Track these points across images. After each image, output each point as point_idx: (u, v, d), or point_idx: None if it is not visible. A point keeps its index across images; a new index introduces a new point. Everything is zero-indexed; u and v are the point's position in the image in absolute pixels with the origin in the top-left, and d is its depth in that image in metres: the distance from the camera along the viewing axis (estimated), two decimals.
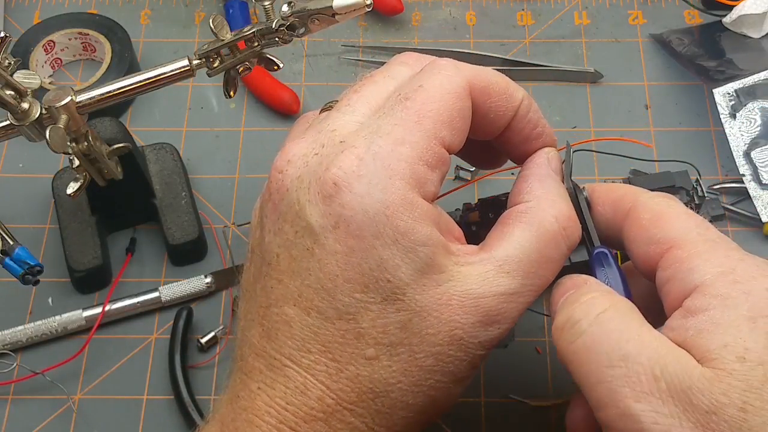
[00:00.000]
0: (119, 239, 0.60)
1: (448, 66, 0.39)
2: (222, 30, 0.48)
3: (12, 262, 0.47)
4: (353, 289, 0.36)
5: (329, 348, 0.36)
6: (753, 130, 0.60)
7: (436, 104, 0.37)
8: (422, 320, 0.36)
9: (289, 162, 0.38)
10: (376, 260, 0.35)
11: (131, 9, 0.71)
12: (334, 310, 0.36)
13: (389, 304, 0.36)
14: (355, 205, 0.35)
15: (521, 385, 0.53)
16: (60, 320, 0.55)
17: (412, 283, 0.36)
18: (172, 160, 0.61)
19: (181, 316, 0.55)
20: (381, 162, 0.36)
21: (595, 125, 0.64)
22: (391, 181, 0.36)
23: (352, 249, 0.35)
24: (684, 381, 0.32)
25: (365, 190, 0.35)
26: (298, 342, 0.36)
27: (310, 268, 0.36)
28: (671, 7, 0.70)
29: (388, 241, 0.35)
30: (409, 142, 0.36)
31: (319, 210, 0.36)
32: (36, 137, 0.49)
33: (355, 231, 0.35)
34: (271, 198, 0.38)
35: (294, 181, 0.37)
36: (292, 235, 0.37)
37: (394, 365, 0.36)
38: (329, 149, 0.37)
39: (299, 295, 0.36)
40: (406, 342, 0.36)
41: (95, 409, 0.54)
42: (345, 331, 0.36)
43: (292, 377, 0.36)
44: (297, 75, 0.67)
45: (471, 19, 0.70)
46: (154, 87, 0.50)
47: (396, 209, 0.35)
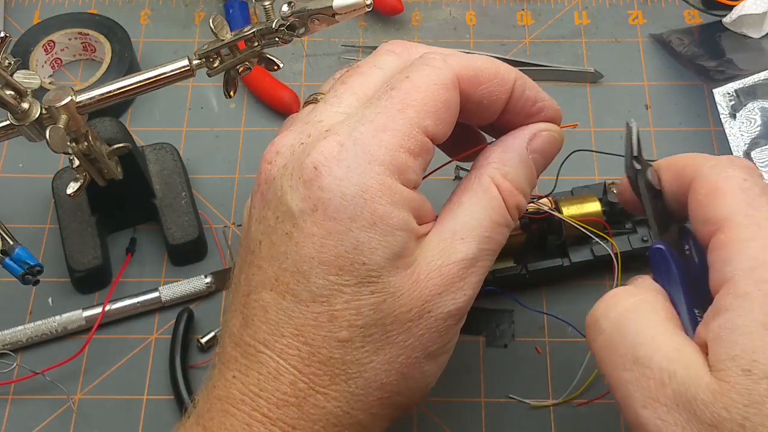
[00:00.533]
0: (119, 239, 0.60)
1: (436, 58, 0.39)
2: (222, 30, 0.48)
3: (12, 262, 0.47)
4: (328, 271, 0.36)
5: (302, 331, 0.36)
6: (753, 130, 0.60)
7: (421, 94, 0.38)
8: (395, 300, 0.36)
9: (278, 153, 0.38)
10: (353, 243, 0.36)
11: (131, 9, 0.71)
12: (308, 293, 0.36)
13: (363, 287, 0.36)
14: (333, 188, 0.36)
15: (521, 385, 0.53)
16: (60, 320, 0.55)
17: (387, 265, 0.36)
18: (172, 160, 0.61)
19: (182, 318, 0.55)
20: (361, 148, 0.36)
21: (595, 125, 0.64)
22: (371, 166, 0.36)
23: (329, 231, 0.36)
24: (690, 390, 0.31)
25: (344, 174, 0.36)
26: (272, 326, 0.37)
27: (287, 252, 0.36)
28: (671, 7, 0.70)
29: (365, 224, 0.36)
30: (391, 130, 0.37)
31: (299, 194, 0.36)
32: (36, 137, 0.49)
33: (333, 214, 0.36)
34: (260, 188, 0.39)
35: (279, 170, 0.38)
36: (273, 221, 0.37)
37: (367, 345, 0.37)
38: (315, 139, 0.37)
39: (276, 280, 0.37)
40: (380, 323, 0.37)
41: (95, 409, 0.54)
42: (318, 313, 0.36)
43: (265, 363, 0.36)
44: (297, 75, 0.67)
45: (471, 19, 0.70)
46: (154, 87, 0.50)
47: (374, 193, 0.36)
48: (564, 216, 0.52)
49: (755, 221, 0.35)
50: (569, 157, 0.50)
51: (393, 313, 0.37)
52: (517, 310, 0.56)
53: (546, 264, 0.54)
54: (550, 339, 0.55)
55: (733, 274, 0.33)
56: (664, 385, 0.32)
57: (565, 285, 0.56)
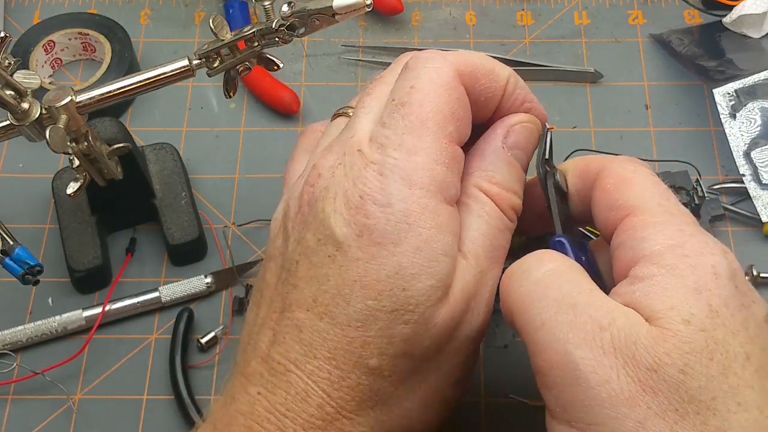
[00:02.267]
0: (119, 239, 0.60)
1: (434, 58, 0.39)
2: (222, 30, 0.48)
3: (12, 262, 0.47)
4: (367, 295, 0.36)
5: (335, 355, 0.36)
6: (753, 130, 0.60)
7: (433, 102, 0.37)
8: (426, 332, 0.36)
9: (319, 176, 0.38)
10: (395, 267, 0.36)
11: (131, 9, 0.71)
12: (345, 316, 0.36)
13: (398, 315, 0.36)
14: (378, 215, 0.36)
15: (521, 385, 0.53)
16: (60, 320, 0.55)
17: (426, 293, 0.36)
18: (172, 160, 0.61)
19: (182, 318, 0.55)
20: (399, 174, 0.36)
21: (595, 125, 0.64)
22: (411, 191, 0.36)
23: (373, 256, 0.36)
24: (630, 336, 0.32)
25: (387, 201, 0.36)
26: (306, 347, 0.36)
27: (329, 274, 0.36)
28: (671, 7, 0.70)
29: (408, 249, 0.36)
30: (422, 150, 0.37)
31: (344, 219, 0.36)
32: (36, 137, 0.49)
33: (377, 239, 0.36)
34: (300, 209, 0.39)
35: (321, 192, 0.38)
36: (314, 242, 0.37)
37: (394, 375, 0.37)
38: (350, 158, 0.37)
39: (314, 300, 0.37)
40: (409, 354, 0.37)
41: (95, 409, 0.54)
42: (352, 338, 0.36)
43: (294, 383, 0.36)
44: (297, 75, 0.67)
45: (471, 19, 0.70)
46: (154, 87, 0.50)
47: (417, 218, 0.36)
48: None
49: (667, 209, 0.36)
50: (569, 157, 0.50)
51: (423, 345, 0.37)
52: None
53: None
54: None
55: (653, 249, 0.34)
56: (602, 329, 0.32)
57: None
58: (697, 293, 0.32)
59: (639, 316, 0.33)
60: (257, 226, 0.60)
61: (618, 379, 0.31)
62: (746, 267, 0.56)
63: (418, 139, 0.37)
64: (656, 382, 0.31)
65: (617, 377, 0.31)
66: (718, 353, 0.31)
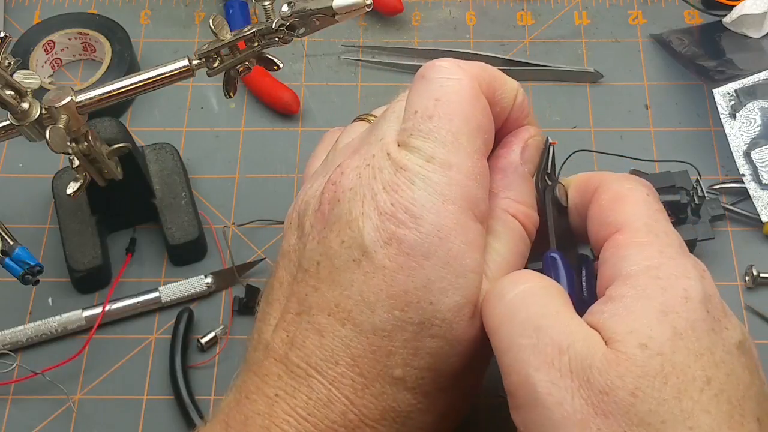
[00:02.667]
0: (119, 239, 0.60)
1: (454, 69, 0.39)
2: (222, 30, 0.48)
3: (12, 262, 0.47)
4: (394, 306, 0.35)
5: (358, 362, 0.36)
6: (753, 130, 0.60)
7: (461, 115, 0.37)
8: (452, 348, 0.36)
9: (342, 174, 0.38)
10: (423, 280, 0.35)
11: (131, 9, 0.71)
12: (370, 325, 0.36)
13: (425, 329, 0.36)
14: (410, 225, 0.35)
15: None
16: (60, 320, 0.55)
17: (453, 308, 0.36)
18: (172, 160, 0.61)
19: (182, 318, 0.55)
20: (432, 187, 0.36)
21: (595, 125, 0.64)
22: (444, 205, 0.36)
23: (400, 266, 0.35)
24: (586, 359, 0.32)
25: (419, 213, 0.35)
26: (327, 353, 0.36)
27: (353, 280, 0.36)
28: (671, 7, 0.70)
29: (438, 263, 0.35)
30: (456, 165, 0.37)
31: (373, 225, 0.36)
32: (36, 137, 0.49)
33: (407, 249, 0.35)
34: (321, 208, 0.38)
35: (346, 193, 0.37)
36: (338, 244, 0.37)
37: (418, 388, 0.37)
38: (379, 161, 0.37)
39: (336, 305, 0.36)
40: (434, 367, 0.36)
41: (95, 409, 0.54)
42: (377, 347, 0.36)
43: (315, 388, 0.36)
44: (297, 75, 0.67)
45: (471, 19, 0.70)
46: (154, 87, 0.50)
47: (449, 233, 0.36)
48: None
49: (653, 231, 0.36)
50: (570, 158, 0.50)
51: (449, 361, 0.37)
52: None
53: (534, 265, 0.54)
54: None
55: (629, 270, 0.35)
56: (561, 353, 0.32)
57: None
58: (663, 315, 0.33)
59: (599, 339, 0.33)
60: (257, 226, 0.60)
61: (572, 401, 0.31)
62: (746, 267, 0.56)
63: (452, 154, 0.37)
64: (608, 405, 0.31)
65: (571, 399, 0.31)
66: (674, 377, 0.31)
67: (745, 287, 0.56)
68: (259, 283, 0.57)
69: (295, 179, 0.62)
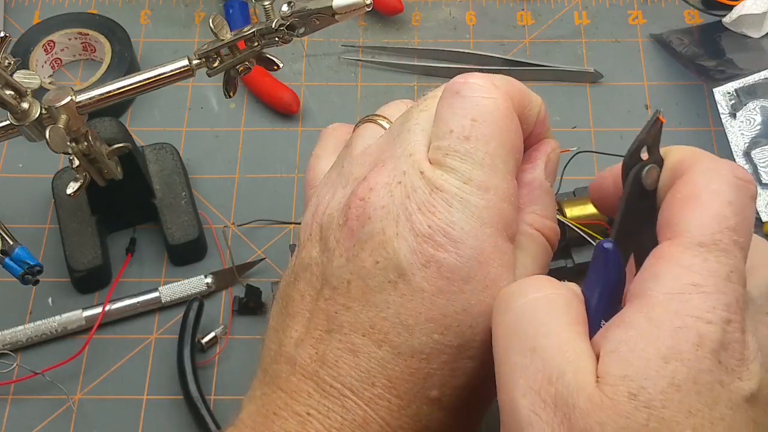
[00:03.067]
0: (119, 239, 0.60)
1: (489, 87, 0.38)
2: (222, 30, 0.48)
3: (12, 262, 0.47)
4: (433, 329, 0.35)
5: (395, 384, 0.35)
6: (753, 130, 0.60)
7: (498, 137, 0.37)
8: (487, 370, 0.36)
9: (372, 190, 0.37)
10: (463, 305, 0.35)
11: (131, 9, 0.71)
12: (408, 347, 0.35)
13: (464, 351, 0.36)
14: (449, 249, 0.35)
15: None
16: (60, 320, 0.55)
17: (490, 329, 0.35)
18: (172, 160, 0.61)
19: (191, 308, 0.55)
20: (471, 210, 0.35)
21: (595, 125, 0.64)
22: (482, 229, 0.35)
23: (440, 290, 0.35)
24: (573, 395, 0.31)
25: (458, 236, 0.35)
26: (363, 373, 0.36)
27: (389, 302, 0.35)
28: (671, 7, 0.70)
29: (477, 287, 0.35)
30: (493, 188, 0.36)
31: (410, 246, 0.35)
32: (36, 137, 0.49)
33: (446, 273, 0.35)
34: (347, 224, 0.37)
35: (378, 211, 0.36)
36: (371, 264, 0.36)
37: (451, 405, 0.36)
38: (411, 179, 0.36)
39: (371, 327, 0.36)
40: (469, 385, 0.36)
41: (95, 409, 0.54)
42: (416, 369, 0.35)
43: (350, 409, 0.35)
44: (297, 75, 0.67)
45: (471, 19, 0.70)
46: (154, 87, 0.50)
47: (488, 256, 0.35)
48: (567, 217, 0.52)
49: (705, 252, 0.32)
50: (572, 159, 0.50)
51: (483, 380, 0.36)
52: None
53: (550, 266, 0.54)
54: None
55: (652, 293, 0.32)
56: (550, 383, 0.31)
57: None
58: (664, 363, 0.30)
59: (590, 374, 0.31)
60: (257, 226, 0.60)
61: None
62: None
63: (489, 177, 0.36)
64: None
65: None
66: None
67: None
68: (259, 283, 0.57)
69: (295, 179, 0.62)
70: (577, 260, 0.54)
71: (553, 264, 0.54)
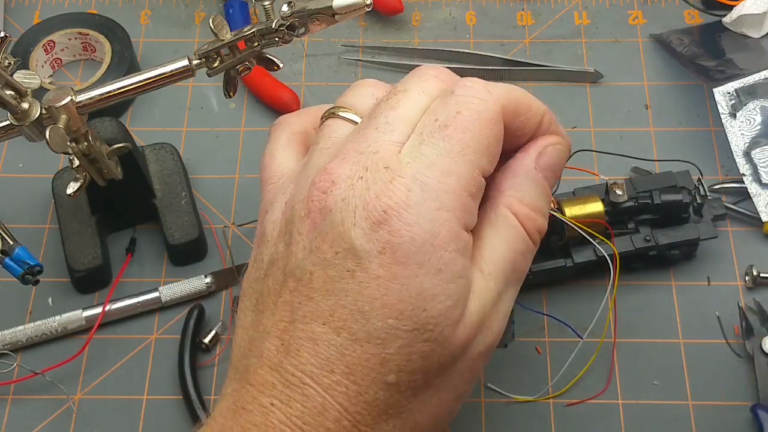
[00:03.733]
0: (119, 239, 0.60)
1: (482, 90, 0.39)
2: (222, 30, 0.48)
3: (12, 262, 0.47)
4: (388, 314, 0.36)
5: (353, 370, 0.36)
6: (753, 130, 0.60)
7: (475, 133, 0.38)
8: (443, 349, 0.37)
9: (333, 183, 0.38)
10: (417, 288, 0.36)
11: (131, 9, 0.71)
12: (365, 333, 0.36)
13: (419, 334, 0.36)
14: (403, 233, 0.36)
15: (521, 385, 0.53)
16: (60, 320, 0.55)
17: (445, 313, 0.36)
18: (172, 160, 0.61)
19: (192, 315, 0.55)
20: (429, 194, 0.36)
21: (595, 125, 0.64)
22: (439, 213, 0.36)
23: (394, 275, 0.36)
24: None
25: (414, 220, 0.36)
26: (322, 361, 0.36)
27: (347, 289, 0.36)
28: (671, 7, 0.70)
29: (431, 271, 0.36)
30: (456, 174, 0.37)
31: (366, 234, 0.36)
32: (36, 137, 0.49)
33: (401, 258, 0.36)
34: (310, 216, 0.38)
35: (338, 203, 0.37)
36: (332, 255, 0.37)
37: (409, 390, 0.37)
38: (375, 174, 0.37)
39: (331, 315, 0.36)
40: (425, 369, 0.37)
41: (95, 409, 0.54)
42: (372, 354, 0.36)
43: (310, 396, 0.36)
44: (297, 75, 0.67)
45: (471, 19, 0.70)
46: (154, 87, 0.50)
47: (442, 240, 0.36)
48: (567, 216, 0.52)
49: None
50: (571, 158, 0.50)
51: (439, 361, 0.37)
52: (517, 310, 0.55)
53: (549, 265, 0.54)
54: (550, 339, 0.55)
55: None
56: None
57: (566, 285, 0.56)
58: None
59: None
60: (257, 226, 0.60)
61: None
62: (746, 267, 0.56)
63: (454, 163, 0.37)
64: None
65: None
66: None
67: (745, 287, 0.56)
68: None
69: None
70: (577, 260, 0.54)
71: (553, 263, 0.55)
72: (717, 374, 0.53)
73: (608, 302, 0.53)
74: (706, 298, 0.56)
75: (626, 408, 0.53)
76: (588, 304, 0.55)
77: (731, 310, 0.55)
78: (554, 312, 0.55)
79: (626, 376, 0.53)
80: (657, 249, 0.55)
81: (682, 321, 0.55)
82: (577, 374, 0.53)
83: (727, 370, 0.53)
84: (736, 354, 0.54)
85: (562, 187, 0.55)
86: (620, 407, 0.53)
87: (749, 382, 0.53)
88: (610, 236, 0.54)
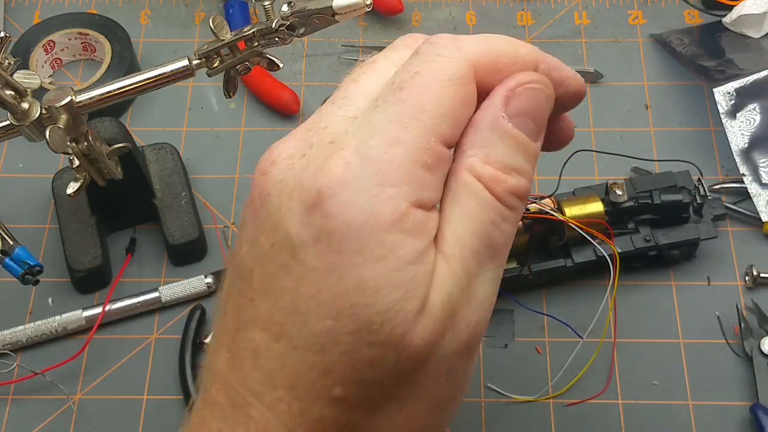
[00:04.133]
0: (119, 239, 0.60)
1: (448, 46, 0.32)
2: (222, 30, 0.48)
3: (12, 262, 0.47)
4: (325, 314, 0.30)
5: (295, 384, 0.31)
6: (753, 130, 0.60)
7: (434, 94, 0.31)
8: (398, 354, 0.30)
9: (274, 163, 0.32)
10: (355, 281, 0.30)
11: (131, 9, 0.71)
12: (303, 339, 0.30)
13: (362, 336, 0.30)
14: (338, 215, 0.30)
15: (521, 385, 0.53)
16: (60, 320, 0.55)
17: (394, 306, 0.30)
18: (172, 160, 0.61)
19: (194, 315, 0.55)
20: (371, 166, 0.30)
21: (595, 125, 0.64)
22: (381, 188, 0.30)
23: (331, 267, 0.30)
24: None
25: (350, 199, 0.30)
26: (264, 374, 0.31)
27: (284, 288, 0.31)
28: (671, 7, 0.70)
29: (370, 259, 0.30)
30: (404, 142, 0.30)
31: (300, 220, 0.30)
32: (36, 137, 0.49)
33: (336, 246, 0.30)
34: (252, 203, 0.33)
35: (276, 185, 0.32)
36: (268, 247, 0.31)
37: (362, 406, 0.31)
38: (318, 150, 0.31)
39: (269, 319, 0.31)
40: (377, 380, 0.31)
41: (95, 409, 0.54)
42: (312, 364, 0.30)
43: (255, 418, 0.31)
44: (297, 75, 0.67)
45: (471, 19, 0.70)
46: (154, 87, 0.50)
47: (383, 220, 0.30)
48: (567, 216, 0.52)
49: None
50: (571, 158, 0.50)
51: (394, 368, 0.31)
52: (517, 309, 0.56)
53: (549, 265, 0.55)
54: (550, 339, 0.55)
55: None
56: None
57: (566, 285, 0.56)
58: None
59: None
60: None
61: None
62: (746, 267, 0.56)
63: (404, 129, 0.31)
64: None
65: None
66: None
67: (745, 287, 0.56)
68: None
69: None
70: (577, 260, 0.54)
71: (553, 263, 0.55)
72: (717, 374, 0.53)
73: (608, 302, 0.53)
74: (706, 298, 0.56)
75: (626, 408, 0.53)
76: (588, 304, 0.55)
77: (731, 310, 0.55)
78: (554, 312, 0.55)
79: (626, 376, 0.53)
80: (657, 249, 0.55)
81: (682, 321, 0.55)
82: (577, 374, 0.53)
83: (726, 370, 0.53)
84: (736, 354, 0.54)
85: (562, 187, 0.55)
86: (620, 407, 0.53)
87: (749, 382, 0.53)
88: (610, 236, 0.54)
